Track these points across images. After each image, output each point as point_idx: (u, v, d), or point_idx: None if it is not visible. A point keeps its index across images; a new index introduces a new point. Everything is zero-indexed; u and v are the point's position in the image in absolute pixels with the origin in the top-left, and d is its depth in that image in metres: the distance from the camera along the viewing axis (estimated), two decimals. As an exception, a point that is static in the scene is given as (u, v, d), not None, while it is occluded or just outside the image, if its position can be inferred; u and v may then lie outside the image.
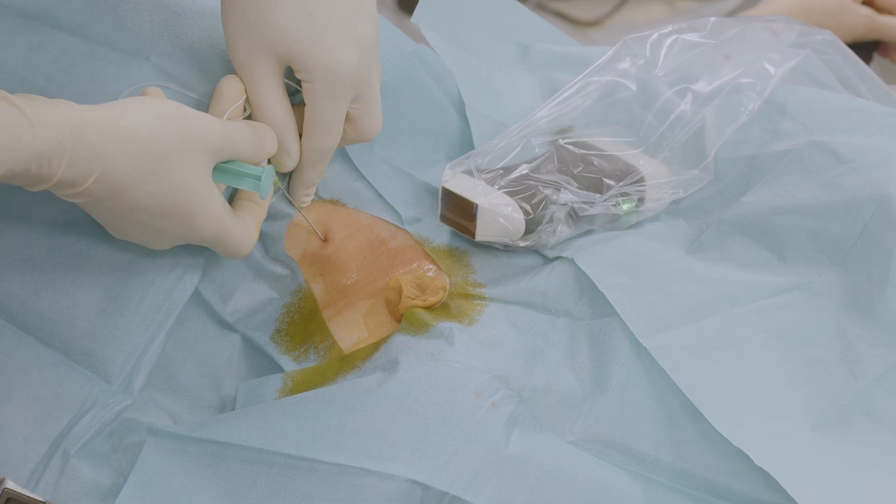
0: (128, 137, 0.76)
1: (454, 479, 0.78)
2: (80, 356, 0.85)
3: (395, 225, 0.94)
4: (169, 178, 0.78)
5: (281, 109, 0.86)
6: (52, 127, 0.72)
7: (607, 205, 0.92)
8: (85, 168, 0.74)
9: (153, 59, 0.87)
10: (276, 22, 0.83)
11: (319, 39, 0.84)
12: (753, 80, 0.98)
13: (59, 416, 0.83)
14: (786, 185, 0.92)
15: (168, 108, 0.79)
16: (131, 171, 0.76)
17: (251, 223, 0.86)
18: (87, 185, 0.75)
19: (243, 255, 0.86)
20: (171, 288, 0.87)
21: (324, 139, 0.87)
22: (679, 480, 0.81)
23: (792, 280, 0.89)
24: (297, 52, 0.84)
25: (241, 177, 0.83)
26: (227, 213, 0.83)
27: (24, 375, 0.84)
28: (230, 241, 0.84)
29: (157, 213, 0.79)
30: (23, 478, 0.82)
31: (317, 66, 0.84)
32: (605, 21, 1.69)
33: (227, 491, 0.80)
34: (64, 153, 0.73)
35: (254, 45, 0.84)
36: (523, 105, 1.04)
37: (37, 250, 0.87)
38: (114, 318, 0.86)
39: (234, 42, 0.85)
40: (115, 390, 0.85)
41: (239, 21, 0.84)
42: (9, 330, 0.86)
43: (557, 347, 0.87)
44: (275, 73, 0.85)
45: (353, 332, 0.90)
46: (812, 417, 0.82)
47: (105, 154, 0.75)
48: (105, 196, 0.77)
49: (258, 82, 0.85)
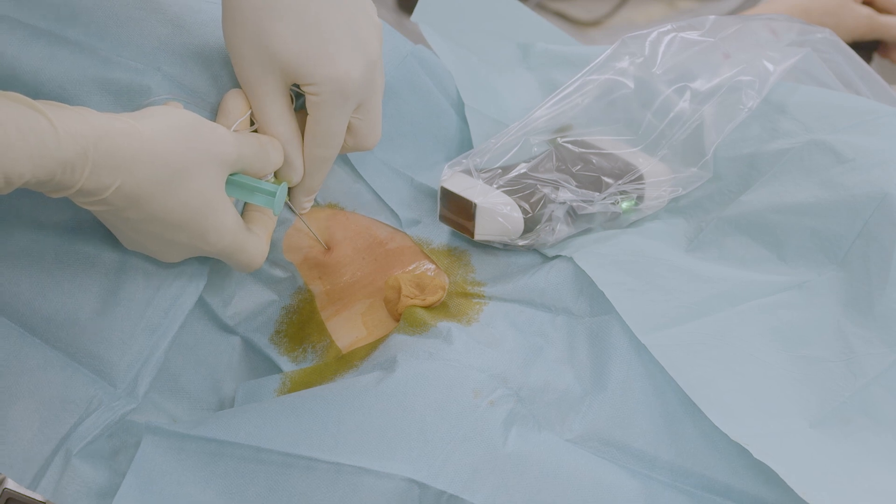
0: (149, 148, 0.76)
1: (452, 478, 0.78)
2: (86, 359, 0.85)
3: (393, 227, 0.94)
4: (187, 190, 0.78)
5: (286, 125, 0.86)
6: (76, 135, 0.72)
7: (606, 203, 0.92)
8: (107, 177, 0.74)
9: (164, 70, 0.87)
10: (278, 35, 0.82)
11: (324, 50, 0.83)
12: (752, 79, 0.98)
13: (64, 419, 0.83)
14: (785, 183, 0.92)
15: (185, 120, 0.79)
16: (152, 181, 0.76)
17: (263, 236, 0.86)
18: (107, 194, 0.75)
19: (255, 269, 0.86)
20: (178, 294, 0.87)
21: (327, 148, 0.87)
22: (678, 478, 0.81)
23: (791, 279, 0.89)
24: (301, 65, 0.83)
25: (255, 192, 0.83)
26: (240, 226, 0.83)
27: (30, 377, 0.84)
28: (242, 254, 0.84)
29: (173, 224, 0.79)
30: (27, 479, 0.82)
31: (322, 78, 0.84)
32: (605, 21, 1.69)
33: (225, 489, 0.80)
34: (87, 162, 0.73)
35: (257, 60, 0.83)
36: (522, 104, 1.04)
37: (45, 253, 0.87)
38: (120, 321, 0.86)
39: (237, 58, 0.84)
40: (120, 394, 0.85)
41: (240, 36, 0.83)
42: (15, 331, 0.86)
43: (556, 345, 0.87)
44: (279, 88, 0.85)
45: (352, 331, 0.90)
46: (811, 416, 0.82)
47: (127, 164, 0.75)
48: (123, 205, 0.77)
49: (263, 99, 0.85)
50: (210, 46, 0.89)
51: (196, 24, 0.89)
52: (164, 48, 0.87)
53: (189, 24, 0.89)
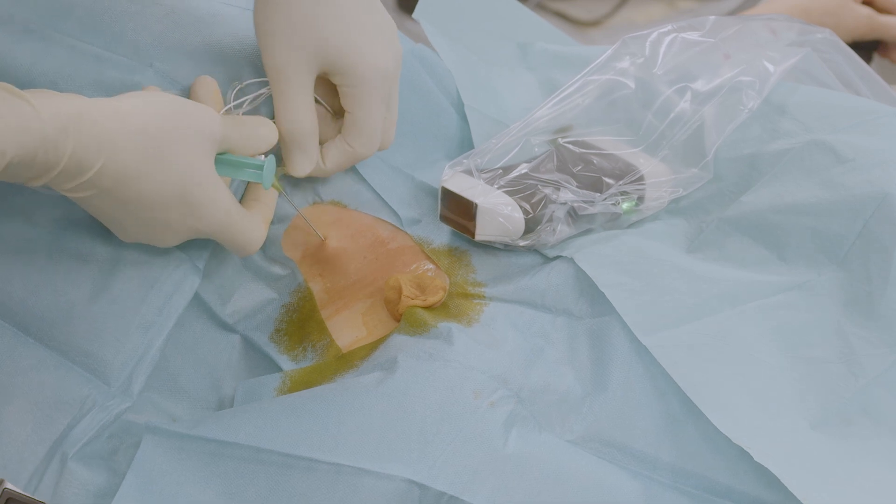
0: (131, 122, 0.76)
1: (452, 479, 0.78)
2: (80, 358, 0.85)
3: (395, 226, 0.94)
4: (173, 164, 0.78)
5: (310, 116, 0.86)
6: (57, 113, 0.73)
7: (607, 204, 0.92)
8: (91, 155, 0.74)
9: (156, 66, 0.87)
10: (323, 23, 0.82)
11: (367, 42, 0.84)
12: (753, 79, 0.98)
13: (58, 419, 0.83)
14: (786, 184, 0.92)
15: (167, 98, 0.80)
16: (136, 157, 0.76)
17: (259, 218, 0.86)
18: (92, 173, 0.75)
19: (253, 250, 0.86)
20: (172, 291, 0.87)
21: (370, 145, 0.88)
22: (679, 479, 0.81)
23: (792, 279, 0.89)
24: (344, 54, 0.83)
25: (242, 167, 0.83)
26: (234, 205, 0.83)
27: (24, 377, 0.84)
28: (238, 233, 0.84)
29: (164, 202, 0.79)
30: (22, 481, 0.81)
31: (366, 69, 0.84)
32: (605, 21, 1.69)
33: (225, 489, 0.80)
34: (69, 137, 0.73)
35: (295, 46, 0.83)
36: (523, 104, 1.04)
37: (37, 252, 0.87)
38: (114, 320, 0.86)
39: (271, 43, 0.84)
40: (115, 392, 0.85)
41: (281, 21, 0.83)
42: (8, 331, 0.86)
43: (557, 346, 0.87)
44: (310, 77, 0.85)
45: (352, 331, 0.90)
46: (812, 416, 0.82)
47: (110, 138, 0.75)
48: (110, 186, 0.76)
49: (295, 88, 0.85)
50: (204, 42, 0.89)
51: (191, 19, 0.89)
52: (158, 44, 0.87)
53: (184, 19, 0.89)
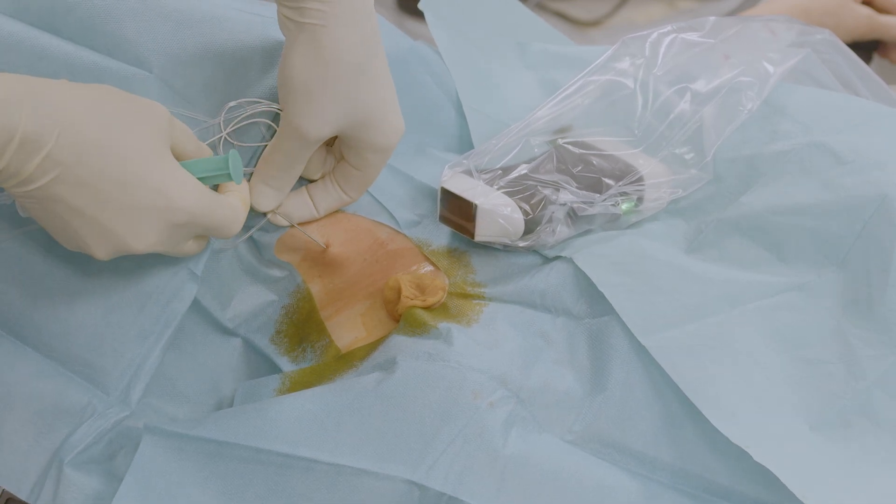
0: (85, 96, 0.76)
1: (452, 480, 0.78)
2: (79, 367, 0.85)
3: (393, 228, 0.94)
4: (133, 136, 0.77)
5: (296, 175, 0.88)
6: (6, 81, 0.72)
7: (606, 204, 0.92)
8: (45, 122, 0.73)
9: (156, 72, 0.87)
10: (361, 95, 0.84)
11: (392, 114, 0.87)
12: (752, 80, 0.98)
13: (58, 429, 0.83)
14: (785, 185, 0.92)
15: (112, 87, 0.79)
16: (93, 127, 0.75)
17: (236, 197, 0.85)
18: (50, 146, 0.73)
19: (236, 229, 0.84)
20: (170, 299, 0.87)
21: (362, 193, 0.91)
22: (678, 480, 0.81)
23: (791, 280, 0.89)
24: (374, 126, 0.86)
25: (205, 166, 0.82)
26: (203, 187, 0.81)
27: (24, 388, 0.84)
28: (216, 215, 0.82)
29: (129, 181, 0.76)
30: (25, 491, 0.82)
31: (385, 141, 0.87)
32: (605, 21, 1.69)
33: (224, 490, 0.80)
34: (22, 104, 0.72)
35: (328, 112, 0.84)
36: (522, 104, 1.04)
37: (35, 261, 0.87)
38: (112, 328, 0.86)
39: (304, 100, 0.84)
40: (113, 401, 0.85)
41: (317, 80, 0.84)
42: (8, 341, 0.86)
43: (556, 347, 0.87)
44: (322, 142, 0.86)
45: (351, 331, 0.90)
46: (811, 418, 0.82)
47: (64, 106, 0.74)
48: (72, 161, 0.74)
49: (310, 147, 0.86)
50: (205, 48, 0.88)
51: (193, 21, 0.88)
52: (159, 48, 0.87)
53: (187, 22, 0.88)
